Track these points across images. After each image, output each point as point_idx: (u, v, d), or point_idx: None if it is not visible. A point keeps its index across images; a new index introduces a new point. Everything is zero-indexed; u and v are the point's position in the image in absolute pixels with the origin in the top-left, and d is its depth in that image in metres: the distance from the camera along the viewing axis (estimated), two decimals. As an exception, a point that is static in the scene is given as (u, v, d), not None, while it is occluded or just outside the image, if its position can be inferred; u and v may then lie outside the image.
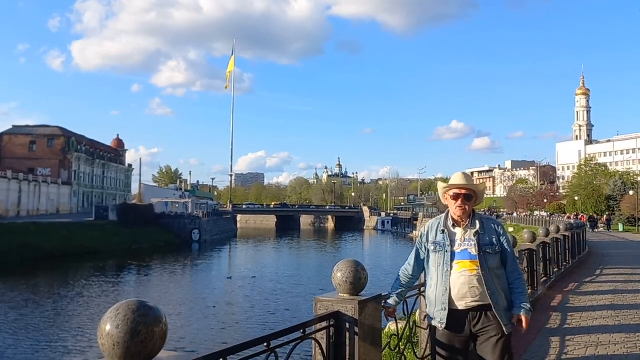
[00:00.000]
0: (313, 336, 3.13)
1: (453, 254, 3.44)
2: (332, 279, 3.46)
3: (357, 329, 3.24)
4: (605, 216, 55.70)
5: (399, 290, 3.76)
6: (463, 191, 3.53)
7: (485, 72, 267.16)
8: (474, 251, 3.40)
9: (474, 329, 3.38)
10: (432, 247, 3.54)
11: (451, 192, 3.56)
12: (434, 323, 3.48)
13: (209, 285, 31.88)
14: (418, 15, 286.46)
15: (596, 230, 43.96)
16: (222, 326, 20.54)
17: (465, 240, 3.46)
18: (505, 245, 3.51)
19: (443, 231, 3.52)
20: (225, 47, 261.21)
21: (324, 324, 3.22)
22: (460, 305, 3.37)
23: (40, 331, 19.43)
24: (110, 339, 1.71)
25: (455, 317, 3.38)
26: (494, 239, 3.47)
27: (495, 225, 3.58)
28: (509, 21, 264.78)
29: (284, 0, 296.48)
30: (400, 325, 4.43)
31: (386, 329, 6.78)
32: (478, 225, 3.49)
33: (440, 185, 3.70)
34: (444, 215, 3.65)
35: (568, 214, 57.01)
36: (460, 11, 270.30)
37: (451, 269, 3.41)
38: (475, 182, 3.67)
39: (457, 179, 3.61)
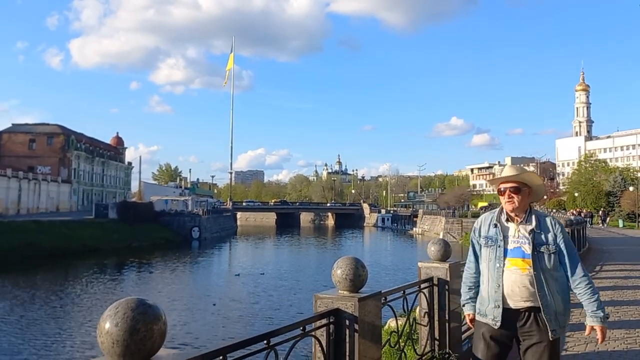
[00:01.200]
0: (313, 333, 3.14)
1: (505, 251, 3.29)
2: (331, 276, 3.46)
3: (357, 326, 3.24)
4: (600, 211, 55.86)
5: (469, 293, 3.57)
6: (509, 184, 3.37)
7: (484, 69, 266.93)
8: (527, 249, 3.24)
9: (520, 331, 3.25)
10: (484, 242, 3.41)
11: (500, 187, 3.43)
12: (485, 320, 3.34)
13: (209, 283, 31.92)
14: (417, 12, 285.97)
15: (592, 226, 44.00)
16: (222, 324, 20.56)
17: (519, 237, 3.30)
18: (563, 245, 3.29)
19: (495, 225, 3.38)
20: (225, 45, 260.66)
21: (324, 321, 3.22)
22: (511, 303, 3.24)
23: (41, 329, 19.44)
24: (110, 337, 1.72)
25: (507, 316, 3.25)
26: (549, 238, 3.28)
27: (554, 223, 3.36)
28: (508, 17, 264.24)
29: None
30: (400, 322, 4.43)
31: (386, 326, 6.79)
32: (534, 222, 3.31)
33: (491, 182, 3.59)
34: (498, 209, 3.50)
35: (573, 210, 57.02)
36: (459, 7, 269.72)
37: (504, 265, 3.27)
38: (526, 174, 3.46)
39: (504, 171, 3.48)
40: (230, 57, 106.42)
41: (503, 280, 3.26)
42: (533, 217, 3.34)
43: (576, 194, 70.51)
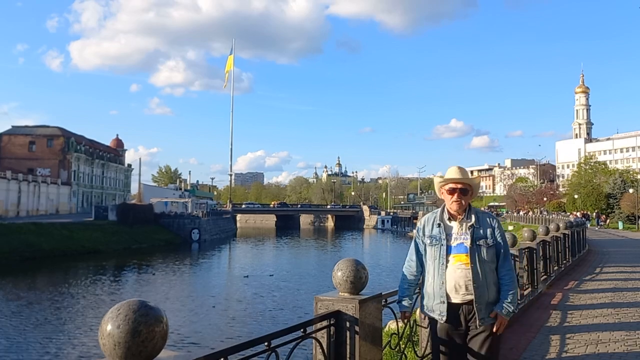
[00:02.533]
0: (313, 335, 3.14)
1: (449, 248, 3.44)
2: (332, 278, 3.46)
3: (357, 328, 3.25)
4: (595, 213, 55.85)
5: (408, 290, 3.71)
6: (459, 185, 3.52)
7: (484, 70, 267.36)
8: (468, 244, 3.41)
9: (466, 323, 3.38)
10: (429, 241, 3.53)
11: (447, 187, 3.56)
12: (433, 316, 3.47)
13: (209, 285, 31.89)
14: (416, 14, 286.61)
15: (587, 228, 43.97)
16: (223, 325, 20.54)
17: (461, 233, 3.45)
18: (499, 238, 3.49)
19: (439, 225, 3.52)
20: (224, 47, 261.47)
21: (325, 323, 3.22)
22: (456, 298, 3.37)
23: (41, 331, 19.42)
24: (111, 338, 1.72)
25: (453, 310, 3.38)
26: (488, 232, 3.47)
27: (490, 219, 3.57)
28: (507, 19, 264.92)
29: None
30: (400, 324, 4.43)
31: (386, 328, 6.78)
32: (474, 219, 3.49)
33: (437, 180, 3.71)
34: (439, 209, 3.65)
35: (576, 212, 57.04)
36: (458, 10, 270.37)
37: (447, 262, 3.41)
38: (470, 176, 3.66)
39: (452, 173, 3.59)
40: (230, 59, 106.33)
41: (446, 276, 3.39)
42: (472, 214, 3.52)
43: (576, 196, 70.42)
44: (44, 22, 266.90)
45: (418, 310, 5.29)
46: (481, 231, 3.46)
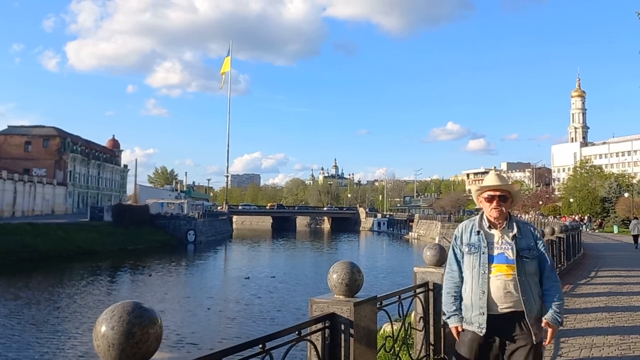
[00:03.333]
0: (308, 338, 3.14)
1: (490, 257, 3.32)
2: (327, 280, 3.47)
3: (352, 331, 3.25)
4: (586, 217, 56.08)
5: (455, 304, 3.47)
6: (497, 192, 3.41)
7: (480, 73, 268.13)
8: (511, 255, 3.28)
9: (505, 336, 3.27)
10: (467, 249, 3.41)
11: (485, 194, 3.44)
12: (471, 328, 3.33)
13: (204, 286, 31.83)
14: (413, 17, 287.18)
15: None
16: (218, 327, 20.52)
17: (503, 243, 3.34)
18: (542, 250, 3.39)
19: (478, 232, 3.40)
20: (221, 48, 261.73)
21: (319, 325, 3.22)
22: (496, 310, 3.26)
23: (37, 332, 19.37)
24: (105, 340, 1.72)
25: (492, 322, 3.26)
26: (531, 244, 3.36)
27: (533, 230, 3.47)
28: (504, 22, 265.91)
29: (280, 1, 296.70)
30: (395, 327, 4.44)
31: (381, 331, 6.79)
32: (515, 229, 3.37)
33: (474, 188, 3.58)
34: (478, 216, 3.52)
35: (574, 216, 57.29)
36: (456, 12, 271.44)
37: (489, 272, 3.29)
38: (509, 182, 3.55)
39: (490, 179, 3.50)
40: (227, 60, 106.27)
41: (489, 286, 3.27)
42: (514, 223, 3.40)
43: (572, 200, 70.70)
44: (40, 22, 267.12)
45: (413, 314, 5.31)
46: (524, 242, 3.35)
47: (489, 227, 3.41)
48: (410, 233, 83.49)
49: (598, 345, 6.51)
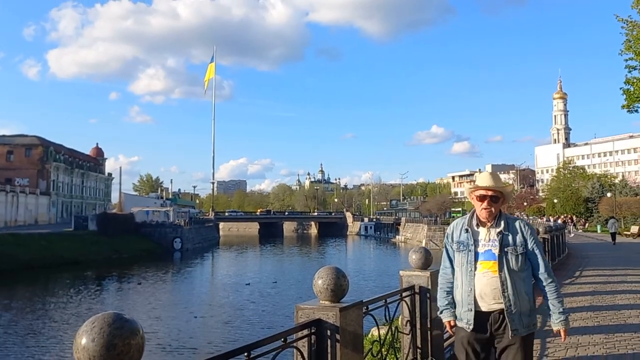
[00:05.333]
0: (294, 344, 3.12)
1: (477, 254, 3.36)
2: (313, 286, 3.46)
3: (338, 336, 3.24)
4: (568, 217, 56.83)
5: (448, 299, 3.55)
6: (490, 193, 3.43)
7: (463, 77, 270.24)
8: (496, 252, 3.32)
9: (494, 332, 3.32)
10: (456, 247, 3.47)
11: (477, 193, 3.47)
12: (460, 324, 3.40)
13: (190, 294, 31.58)
14: (395, 21, 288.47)
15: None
16: (203, 336, 20.33)
17: (489, 240, 3.37)
18: (532, 245, 3.39)
19: (467, 230, 3.45)
20: (204, 54, 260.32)
21: (305, 331, 3.20)
22: (483, 306, 3.30)
23: (17, 344, 19.03)
24: (86, 352, 1.69)
25: (481, 319, 3.31)
26: (517, 240, 3.37)
27: (523, 225, 3.46)
28: (485, 26, 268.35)
29: (262, 6, 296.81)
30: (382, 331, 4.43)
31: (368, 335, 6.78)
32: (503, 225, 3.40)
33: (467, 186, 3.62)
34: (469, 214, 3.58)
35: (559, 216, 57.91)
36: (437, 17, 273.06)
37: (475, 269, 3.34)
38: (502, 183, 3.57)
39: (483, 179, 3.50)
40: (211, 66, 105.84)
41: (475, 283, 3.33)
42: (502, 220, 3.43)
43: (555, 200, 71.49)
44: (20, 30, 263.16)
45: (400, 317, 5.31)
46: (510, 238, 3.36)
47: (477, 225, 3.45)
48: (397, 236, 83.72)
49: (584, 345, 6.57)
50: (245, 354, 2.55)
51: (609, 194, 57.65)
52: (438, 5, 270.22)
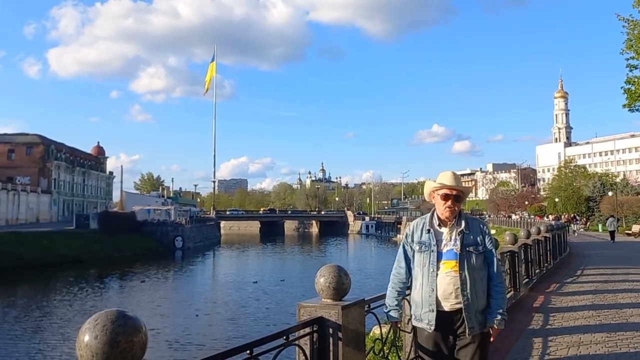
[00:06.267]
0: (296, 342, 3.12)
1: (439, 254, 3.36)
2: (314, 284, 3.45)
3: (340, 334, 3.24)
4: (566, 216, 56.73)
5: (397, 299, 3.60)
6: (454, 192, 3.45)
7: (465, 76, 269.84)
8: (458, 250, 3.34)
9: (454, 332, 3.32)
10: (417, 247, 3.45)
11: (441, 192, 3.47)
12: (421, 325, 3.38)
13: (192, 293, 31.61)
14: (396, 21, 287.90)
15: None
16: (205, 334, 20.37)
17: (451, 239, 3.38)
18: (489, 245, 3.44)
19: (429, 230, 3.44)
20: (206, 53, 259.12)
21: (307, 329, 3.21)
22: (446, 306, 3.30)
23: (20, 342, 19.06)
24: (89, 349, 1.69)
25: (442, 319, 3.31)
26: (478, 239, 3.41)
27: (481, 225, 3.50)
28: (487, 26, 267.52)
29: (263, 6, 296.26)
30: (384, 329, 4.43)
31: (370, 333, 6.78)
32: (463, 224, 3.42)
33: (430, 185, 3.59)
34: (429, 214, 3.56)
35: (561, 215, 57.93)
36: (438, 17, 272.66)
37: (437, 269, 3.33)
38: (467, 185, 3.62)
39: (448, 179, 3.49)
40: (212, 65, 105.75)
41: (437, 283, 3.32)
42: (462, 220, 3.45)
43: (557, 200, 71.38)
44: (21, 29, 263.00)
45: (402, 315, 5.30)
46: (471, 237, 3.40)
47: (439, 225, 3.46)
48: (398, 235, 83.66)
49: (585, 343, 6.57)
50: (248, 351, 2.55)
51: (610, 193, 57.50)
52: (439, 6, 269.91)
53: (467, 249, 3.35)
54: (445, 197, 3.44)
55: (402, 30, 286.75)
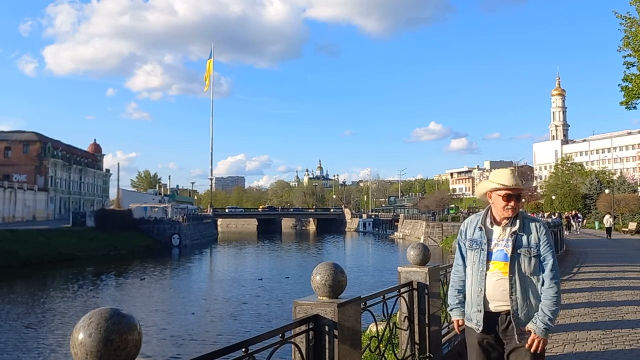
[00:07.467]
0: (292, 340, 3.12)
1: (489, 253, 3.26)
2: (310, 282, 3.45)
3: (336, 332, 3.24)
4: (566, 214, 56.89)
5: (458, 297, 3.46)
6: (514, 191, 3.28)
7: (462, 74, 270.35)
8: (509, 252, 3.21)
9: (502, 334, 3.23)
10: (469, 245, 3.37)
11: (502, 192, 3.28)
12: (470, 325, 3.32)
13: (188, 291, 31.57)
14: (393, 19, 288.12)
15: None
16: (201, 332, 20.32)
17: (502, 239, 3.26)
18: (544, 248, 3.23)
19: (480, 228, 3.34)
20: (202, 51, 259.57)
21: (303, 327, 3.20)
22: (492, 307, 3.23)
23: (14, 339, 19.02)
24: (83, 347, 1.68)
25: (490, 320, 3.23)
26: (532, 241, 3.23)
27: (538, 226, 3.29)
28: (484, 24, 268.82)
29: (260, 3, 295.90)
30: (380, 327, 4.44)
31: (366, 331, 6.79)
32: (518, 225, 3.25)
33: (488, 185, 3.39)
34: (483, 212, 3.44)
35: (565, 213, 58.05)
36: (436, 14, 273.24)
37: (487, 269, 3.24)
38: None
39: (507, 178, 3.31)
40: (209, 62, 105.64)
41: (485, 283, 3.24)
42: (518, 219, 3.29)
43: (553, 197, 71.51)
44: (16, 26, 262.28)
45: (398, 313, 5.31)
46: (524, 239, 3.22)
47: (492, 224, 3.34)
48: (395, 233, 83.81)
49: (581, 341, 6.59)
50: (243, 349, 2.54)
51: (607, 191, 57.69)
52: (438, 3, 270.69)
53: (519, 251, 3.20)
54: (508, 198, 3.26)
55: (400, 27, 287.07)
